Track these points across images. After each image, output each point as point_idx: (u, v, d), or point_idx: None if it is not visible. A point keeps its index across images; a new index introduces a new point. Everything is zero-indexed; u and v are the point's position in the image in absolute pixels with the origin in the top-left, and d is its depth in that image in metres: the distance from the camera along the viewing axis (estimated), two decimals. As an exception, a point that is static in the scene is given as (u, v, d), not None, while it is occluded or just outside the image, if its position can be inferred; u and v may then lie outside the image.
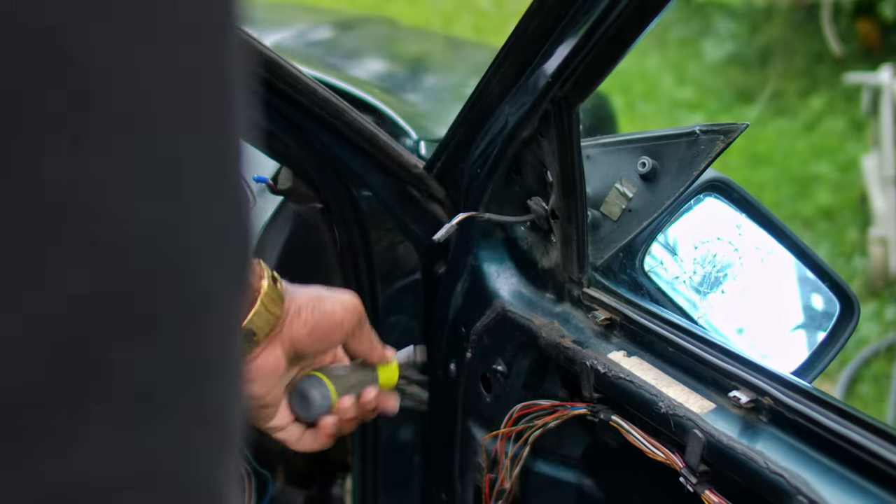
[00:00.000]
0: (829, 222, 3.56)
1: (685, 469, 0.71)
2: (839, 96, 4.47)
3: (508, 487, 0.92)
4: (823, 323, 0.97)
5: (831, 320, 0.96)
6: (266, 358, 0.74)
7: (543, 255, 0.94)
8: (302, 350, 0.77)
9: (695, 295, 0.97)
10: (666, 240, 0.97)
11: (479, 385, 0.99)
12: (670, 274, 0.96)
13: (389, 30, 2.26)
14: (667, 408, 0.73)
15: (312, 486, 1.27)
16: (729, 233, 0.96)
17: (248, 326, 0.70)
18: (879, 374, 2.65)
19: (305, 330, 0.75)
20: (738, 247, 0.96)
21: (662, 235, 0.96)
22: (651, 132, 0.90)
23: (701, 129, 0.86)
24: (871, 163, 3.36)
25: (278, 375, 0.76)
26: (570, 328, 0.87)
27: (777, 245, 0.95)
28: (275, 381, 0.76)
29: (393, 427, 1.13)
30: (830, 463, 0.63)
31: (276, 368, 0.75)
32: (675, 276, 0.96)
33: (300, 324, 0.75)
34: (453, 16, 6.34)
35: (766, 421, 0.68)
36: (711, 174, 0.93)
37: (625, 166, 0.90)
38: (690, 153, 0.86)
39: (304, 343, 0.76)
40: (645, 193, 0.89)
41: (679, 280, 0.96)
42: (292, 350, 0.76)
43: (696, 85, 4.99)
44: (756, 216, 0.96)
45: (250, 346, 0.71)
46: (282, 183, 1.03)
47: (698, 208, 0.96)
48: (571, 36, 0.79)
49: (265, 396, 0.76)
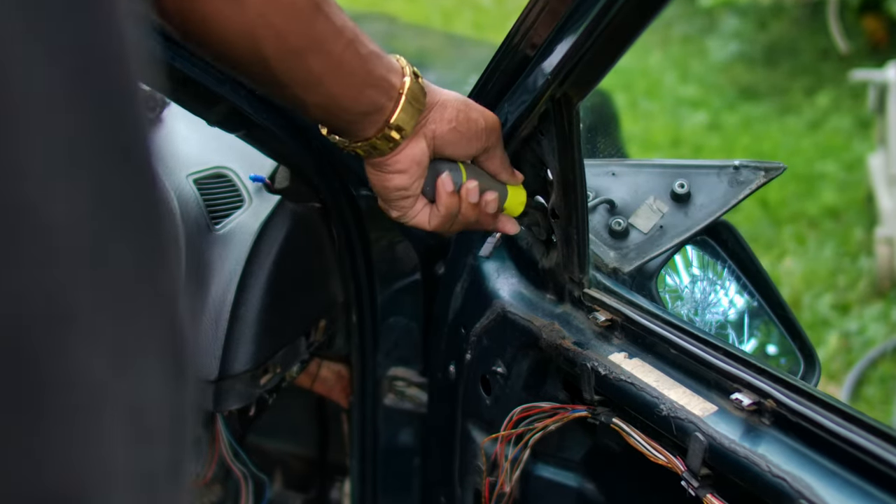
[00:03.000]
0: (834, 222, 3.54)
1: (687, 472, 0.71)
2: (845, 94, 4.46)
3: (508, 491, 0.91)
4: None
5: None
6: (412, 149, 0.78)
7: (544, 255, 0.93)
8: (442, 146, 0.80)
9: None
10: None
11: (478, 387, 0.98)
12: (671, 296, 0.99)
13: (389, 27, 2.26)
14: (668, 410, 0.72)
15: (311, 490, 1.27)
16: (717, 275, 1.01)
17: (396, 122, 0.75)
18: (886, 376, 2.64)
19: (448, 127, 0.79)
20: (721, 289, 1.01)
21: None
22: (683, 161, 0.97)
23: (740, 163, 0.94)
24: (877, 161, 3.34)
25: (423, 167, 0.80)
26: (570, 329, 0.86)
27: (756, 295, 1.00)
28: (419, 173, 0.80)
29: (392, 429, 1.12)
30: (834, 467, 0.62)
31: (420, 160, 0.79)
32: (677, 298, 0.99)
33: (444, 120, 0.79)
34: (453, 13, 6.34)
35: (768, 424, 0.67)
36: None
37: (656, 186, 0.96)
38: (725, 184, 0.94)
39: (446, 139, 0.80)
40: (676, 214, 0.94)
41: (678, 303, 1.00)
42: (434, 143, 0.80)
43: (699, 82, 4.98)
44: (745, 265, 1.00)
45: (398, 141, 0.76)
46: (279, 182, 1.03)
47: (697, 245, 1.01)
48: (571, 33, 0.78)
49: (410, 186, 0.80)
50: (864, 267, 3.17)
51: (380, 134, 0.75)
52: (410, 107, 0.76)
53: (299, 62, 0.68)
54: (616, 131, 1.90)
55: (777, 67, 4.97)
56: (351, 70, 0.71)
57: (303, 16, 0.66)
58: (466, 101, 0.82)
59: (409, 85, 0.75)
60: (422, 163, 0.79)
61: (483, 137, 0.82)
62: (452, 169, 0.82)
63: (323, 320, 1.10)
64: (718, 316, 0.99)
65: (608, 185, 0.98)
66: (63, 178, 0.28)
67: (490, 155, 0.84)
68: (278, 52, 0.66)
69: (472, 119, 0.81)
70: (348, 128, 0.76)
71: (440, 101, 0.79)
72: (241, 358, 0.95)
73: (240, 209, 1.02)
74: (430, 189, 0.82)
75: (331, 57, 0.69)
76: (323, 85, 0.70)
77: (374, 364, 1.11)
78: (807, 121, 4.42)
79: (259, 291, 0.96)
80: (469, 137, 0.81)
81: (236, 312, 0.94)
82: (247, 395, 0.98)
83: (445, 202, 0.81)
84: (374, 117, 0.75)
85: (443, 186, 0.81)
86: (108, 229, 0.30)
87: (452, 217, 0.83)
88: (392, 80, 0.75)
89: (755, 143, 4.25)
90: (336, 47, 0.69)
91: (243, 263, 0.96)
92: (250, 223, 0.99)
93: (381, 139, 0.76)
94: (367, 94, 0.73)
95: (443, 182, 0.81)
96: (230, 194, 1.04)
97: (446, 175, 0.81)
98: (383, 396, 1.12)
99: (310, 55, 0.68)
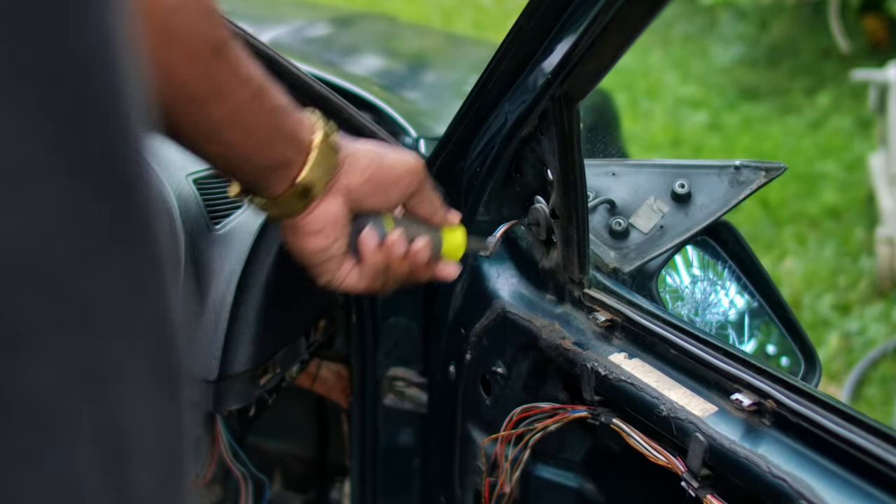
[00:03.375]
0: (835, 222, 3.54)
1: (687, 473, 0.70)
2: (846, 93, 4.45)
3: (508, 491, 0.91)
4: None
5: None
6: (326, 209, 0.75)
7: (544, 255, 0.93)
8: (360, 200, 0.77)
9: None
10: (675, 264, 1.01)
11: (478, 387, 0.98)
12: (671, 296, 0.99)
13: (388, 26, 2.25)
14: (668, 411, 0.72)
15: (310, 490, 1.27)
16: (717, 275, 1.01)
17: (304, 181, 0.72)
18: (887, 377, 2.63)
19: (362, 178, 0.76)
20: (722, 289, 1.01)
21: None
22: (683, 160, 0.97)
23: (741, 163, 0.93)
24: (878, 161, 3.34)
25: (340, 226, 0.77)
26: (570, 330, 0.86)
27: (756, 295, 1.00)
28: (338, 232, 0.77)
29: (392, 430, 1.12)
30: (834, 467, 0.62)
31: (336, 218, 0.76)
32: (677, 299, 0.99)
33: (357, 172, 0.76)
34: (453, 12, 6.33)
35: (768, 424, 0.67)
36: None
37: (656, 186, 0.95)
38: (725, 184, 0.93)
39: (362, 192, 0.77)
40: (677, 214, 0.94)
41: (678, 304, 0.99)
42: (350, 199, 0.77)
43: (699, 82, 4.97)
44: (745, 265, 1.00)
45: (309, 199, 0.73)
46: (279, 182, 1.02)
47: (697, 245, 1.01)
48: (571, 32, 0.78)
49: (330, 247, 0.77)
50: (864, 267, 3.17)
51: (290, 191, 0.72)
52: (321, 163, 0.72)
53: (200, 112, 0.65)
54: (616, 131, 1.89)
55: (778, 67, 4.96)
56: (254, 122, 0.68)
57: (201, 60, 0.62)
58: (379, 150, 0.79)
59: (318, 140, 0.72)
60: (338, 221, 0.76)
61: (403, 183, 0.78)
62: (376, 222, 0.78)
63: (323, 320, 1.10)
64: (719, 316, 0.99)
65: (608, 185, 0.98)
66: (19, 194, 0.26)
67: (418, 199, 0.81)
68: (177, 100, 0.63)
69: (385, 166, 0.77)
70: (255, 182, 0.72)
71: (351, 154, 0.76)
72: (241, 358, 0.95)
73: (240, 209, 1.02)
74: (353, 247, 0.78)
75: (232, 106, 0.66)
76: (223, 134, 0.67)
77: (373, 364, 1.11)
78: (807, 121, 4.42)
79: (259, 291, 0.96)
80: (387, 185, 0.77)
81: (236, 312, 0.94)
82: (246, 395, 0.97)
83: (370, 259, 0.78)
84: (281, 173, 0.72)
85: (364, 242, 0.77)
86: (76, 247, 0.28)
87: (382, 273, 0.79)
88: (301, 135, 0.72)
89: (756, 142, 4.25)
90: (240, 96, 0.66)
91: (243, 263, 0.96)
92: (250, 223, 0.99)
93: (291, 197, 0.73)
94: (272, 148, 0.70)
95: (364, 238, 0.77)
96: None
97: (368, 229, 0.77)
98: (383, 397, 1.12)
99: (210, 105, 0.65)
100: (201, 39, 0.61)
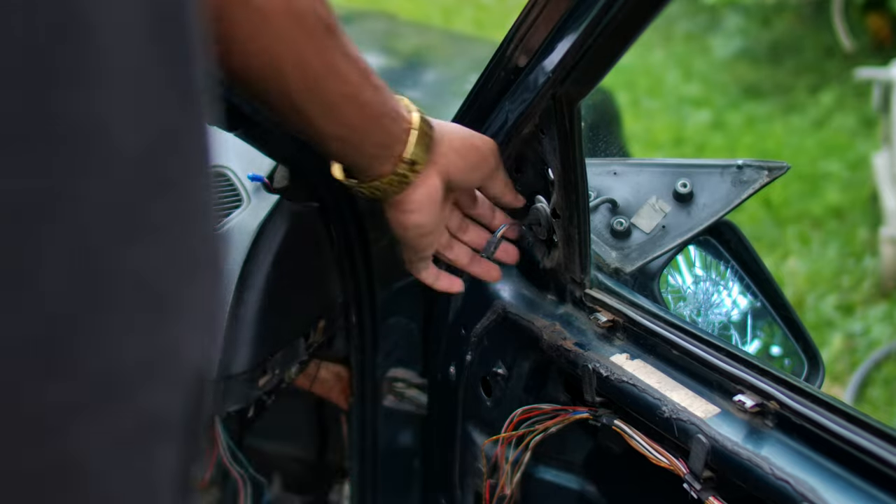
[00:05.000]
0: (838, 221, 3.53)
1: (689, 475, 0.70)
2: (849, 92, 4.44)
3: (509, 493, 0.90)
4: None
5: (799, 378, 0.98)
6: (427, 186, 0.79)
7: (545, 254, 0.92)
8: (455, 179, 0.81)
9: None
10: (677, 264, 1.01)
11: (479, 388, 0.97)
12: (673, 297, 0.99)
13: (389, 24, 2.25)
14: (670, 412, 0.72)
15: (310, 492, 1.26)
16: (720, 275, 1.01)
17: (411, 157, 0.76)
18: (891, 378, 2.62)
19: (457, 156, 0.81)
20: (724, 289, 1.01)
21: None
22: (686, 160, 0.96)
23: (743, 162, 0.93)
24: (881, 160, 3.33)
25: (438, 203, 0.81)
26: (571, 330, 0.86)
27: (759, 296, 1.00)
28: (435, 209, 0.81)
29: (391, 431, 1.12)
30: (837, 469, 0.61)
31: (435, 196, 0.80)
32: (679, 299, 0.99)
33: (453, 151, 0.80)
34: (454, 10, 6.33)
35: (771, 426, 0.66)
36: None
37: (658, 185, 0.95)
38: (728, 183, 0.93)
39: (458, 171, 0.81)
40: (679, 213, 0.94)
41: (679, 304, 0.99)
42: (447, 178, 0.81)
43: (702, 80, 4.96)
44: (748, 265, 1.00)
45: (414, 174, 0.77)
46: (278, 181, 1.02)
47: (699, 245, 1.01)
48: (572, 30, 0.77)
49: (427, 224, 0.81)
50: (868, 267, 3.15)
51: (395, 169, 0.76)
52: (422, 140, 0.76)
53: (318, 88, 0.68)
54: (618, 130, 1.89)
55: (781, 65, 4.95)
56: (367, 100, 0.72)
57: (318, 36, 0.67)
58: (465, 130, 0.83)
59: (417, 118, 0.77)
60: (437, 198, 0.80)
61: (489, 161, 0.83)
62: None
63: (322, 321, 1.09)
64: (721, 317, 0.98)
65: (610, 184, 0.98)
66: (134, 107, 0.31)
67: (494, 177, 0.85)
68: (298, 76, 0.67)
69: (474, 146, 0.82)
70: (368, 162, 0.76)
71: (444, 133, 0.80)
72: (240, 359, 0.94)
73: (238, 209, 1.01)
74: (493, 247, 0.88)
75: (348, 85, 0.70)
76: (342, 114, 0.71)
77: (373, 365, 1.10)
78: (811, 119, 4.41)
79: (257, 292, 0.96)
80: (477, 164, 0.82)
81: (234, 313, 0.94)
82: (245, 396, 0.97)
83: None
84: (390, 150, 0.75)
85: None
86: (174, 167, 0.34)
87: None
88: (402, 113, 0.76)
89: (758, 141, 4.24)
90: (352, 76, 0.70)
91: (241, 263, 0.95)
92: (249, 223, 0.98)
93: (397, 175, 0.76)
94: (383, 125, 0.74)
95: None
96: (228, 194, 1.04)
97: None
98: (383, 398, 1.11)
99: (328, 81, 0.69)
100: (317, 17, 0.67)
